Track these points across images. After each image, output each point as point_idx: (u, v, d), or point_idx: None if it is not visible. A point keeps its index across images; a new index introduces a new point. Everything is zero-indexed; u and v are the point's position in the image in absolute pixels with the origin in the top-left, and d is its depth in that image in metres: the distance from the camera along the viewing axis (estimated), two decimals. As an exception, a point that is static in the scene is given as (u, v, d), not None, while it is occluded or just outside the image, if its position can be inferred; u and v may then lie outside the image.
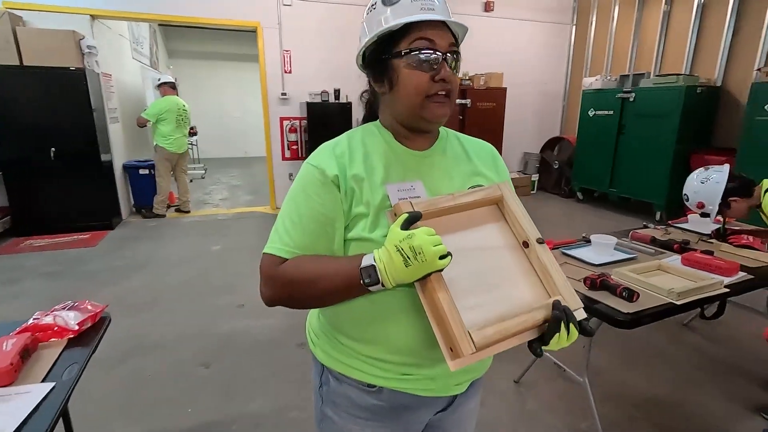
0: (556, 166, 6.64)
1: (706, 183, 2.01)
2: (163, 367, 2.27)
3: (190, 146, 6.27)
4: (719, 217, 2.34)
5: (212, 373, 2.24)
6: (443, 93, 0.75)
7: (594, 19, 6.44)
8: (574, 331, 0.68)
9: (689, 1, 5.14)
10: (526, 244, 0.79)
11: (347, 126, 5.24)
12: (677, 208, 4.95)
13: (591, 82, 5.79)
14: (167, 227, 4.92)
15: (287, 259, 0.74)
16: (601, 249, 1.89)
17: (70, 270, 3.58)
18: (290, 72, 5.42)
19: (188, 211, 5.54)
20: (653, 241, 2.07)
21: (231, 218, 5.34)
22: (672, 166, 4.82)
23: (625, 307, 1.41)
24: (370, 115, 0.92)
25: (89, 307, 1.30)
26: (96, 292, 3.14)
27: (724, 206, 1.99)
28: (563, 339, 0.67)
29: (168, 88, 5.23)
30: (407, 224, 0.66)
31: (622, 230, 2.34)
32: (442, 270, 0.65)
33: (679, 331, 2.60)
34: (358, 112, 5.49)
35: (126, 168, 5.29)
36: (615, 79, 5.59)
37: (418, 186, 0.79)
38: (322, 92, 5.18)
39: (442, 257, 0.63)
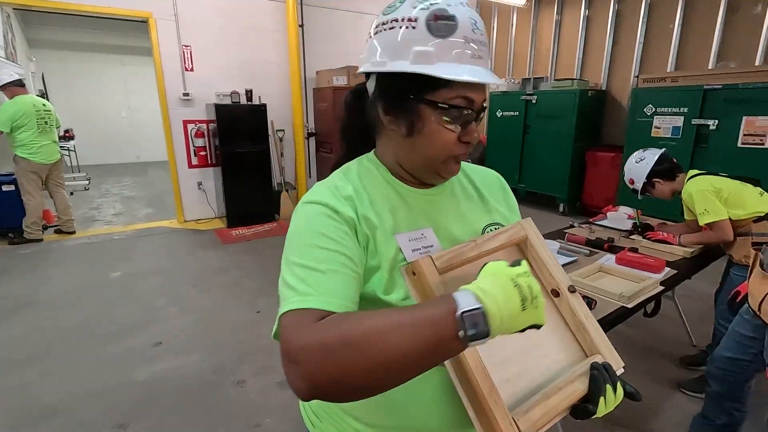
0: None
1: (640, 162, 2.20)
2: (64, 439, 1.84)
3: (65, 153, 5.30)
4: (632, 213, 2.59)
5: (133, 435, 1.87)
6: (463, 153, 0.67)
7: (495, 24, 6.86)
8: (620, 392, 0.61)
9: (576, 13, 5.71)
10: (556, 293, 0.71)
11: (263, 130, 4.89)
12: (576, 200, 5.51)
13: (497, 84, 6.16)
14: (47, 254, 4.11)
15: (324, 314, 0.52)
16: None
17: None
18: (192, 70, 4.87)
19: (73, 232, 4.69)
20: (587, 242, 2.20)
21: (130, 237, 4.65)
22: (571, 162, 5.32)
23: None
24: (353, 129, 0.77)
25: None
26: (-46, 350, 2.47)
27: (649, 186, 2.17)
28: (610, 402, 0.60)
29: (14, 87, 4.17)
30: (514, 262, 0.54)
31: (554, 231, 2.47)
32: (524, 330, 0.51)
33: (600, 318, 2.83)
34: (273, 115, 5.18)
35: (-18, 184, 4.29)
36: (518, 82, 6.01)
37: (429, 234, 0.68)
38: (232, 93, 4.74)
39: None
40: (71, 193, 6.29)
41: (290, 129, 5.51)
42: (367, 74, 0.70)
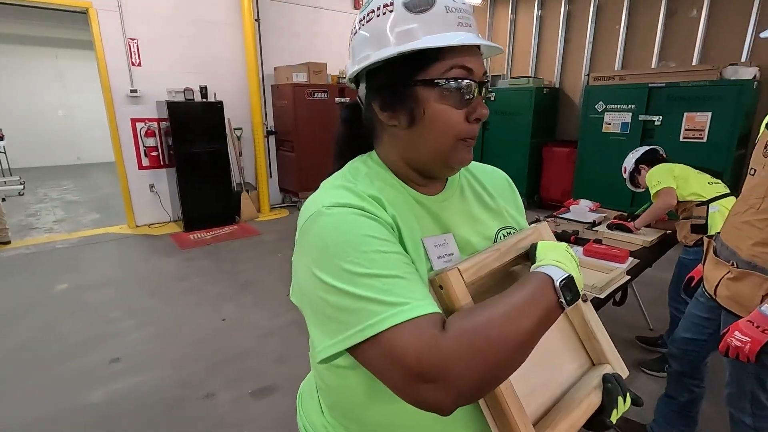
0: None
1: (634, 153, 2.49)
2: (11, 474, 1.66)
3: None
4: (592, 206, 2.71)
5: (92, 463, 1.72)
6: (473, 136, 0.62)
7: (452, 22, 6.96)
8: (629, 401, 0.64)
9: (530, 13, 5.90)
10: None
11: (219, 129, 4.68)
12: (535, 194, 5.71)
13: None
14: (-22, 267, 3.72)
15: (439, 319, 0.50)
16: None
17: None
18: (140, 65, 4.57)
19: (8, 242, 4.28)
20: (555, 236, 2.26)
21: (76, 245, 4.30)
22: (529, 157, 5.50)
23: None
24: (350, 142, 0.72)
25: None
26: None
27: (635, 172, 2.42)
28: (620, 412, 0.62)
29: None
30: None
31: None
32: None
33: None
34: (230, 112, 4.97)
35: None
36: (476, 80, 6.13)
37: (450, 240, 0.65)
38: (185, 90, 4.49)
39: None
40: (3, 199, 5.76)
41: (249, 127, 5.32)
42: (357, 82, 0.67)
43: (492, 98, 5.65)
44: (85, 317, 2.84)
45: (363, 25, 0.62)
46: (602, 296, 1.58)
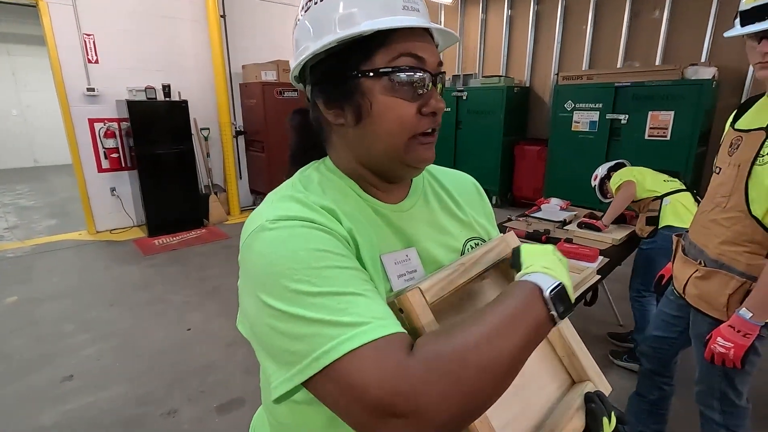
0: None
1: (605, 164, 2.62)
2: None
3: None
4: (563, 204, 2.73)
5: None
6: (431, 130, 0.56)
7: (424, 21, 6.94)
8: (614, 420, 0.59)
9: (500, 13, 5.94)
10: None
11: (185, 129, 4.50)
12: (508, 192, 5.77)
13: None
14: None
15: (406, 339, 0.44)
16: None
17: None
18: (97, 62, 4.33)
19: (-47, 252, 3.99)
20: (527, 235, 2.26)
21: (29, 254, 4.04)
22: (501, 156, 5.54)
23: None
24: (306, 150, 0.66)
25: None
26: None
27: (605, 178, 2.51)
28: (607, 431, 0.58)
29: None
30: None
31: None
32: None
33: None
34: (195, 112, 4.78)
35: None
36: (449, 79, 6.13)
37: (413, 255, 0.59)
38: (146, 88, 4.28)
39: None
40: (-51, 206, 5.39)
41: (216, 127, 5.14)
42: (302, 80, 0.61)
43: (464, 97, 5.67)
44: (35, 333, 2.65)
45: (303, 16, 0.56)
46: (573, 298, 1.56)
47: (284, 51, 5.48)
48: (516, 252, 0.57)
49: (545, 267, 0.51)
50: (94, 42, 4.29)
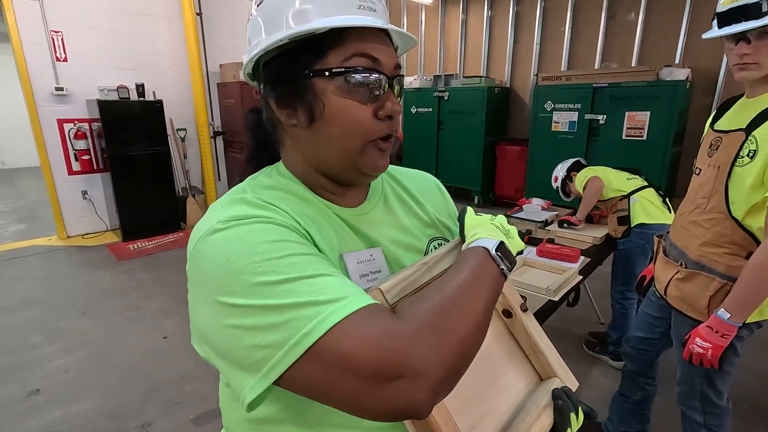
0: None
1: (562, 164, 2.63)
2: None
3: None
4: (544, 204, 2.75)
5: None
6: (387, 135, 0.54)
7: (405, 21, 6.92)
8: (581, 416, 0.61)
9: (480, 13, 5.97)
10: (508, 314, 0.66)
11: (160, 129, 4.36)
12: (490, 192, 5.80)
13: (410, 80, 6.21)
14: None
15: (383, 308, 0.44)
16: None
17: None
18: (65, 60, 4.16)
19: None
20: (510, 236, 2.25)
21: (-6, 261, 3.86)
22: (483, 156, 5.56)
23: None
24: (262, 156, 0.64)
25: None
26: None
27: (567, 180, 2.51)
28: (574, 428, 0.59)
29: None
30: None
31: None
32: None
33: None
34: (171, 112, 4.65)
35: None
36: (430, 79, 6.13)
37: (378, 255, 0.58)
38: (119, 87, 4.13)
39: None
40: None
41: (193, 128, 5.01)
42: (255, 78, 0.58)
43: (446, 98, 5.67)
44: (-1, 344, 2.52)
45: (255, 11, 0.54)
46: (556, 298, 1.56)
47: (263, 50, 5.37)
48: (461, 226, 0.61)
49: (487, 234, 0.56)
50: (62, 39, 4.12)
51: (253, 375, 0.41)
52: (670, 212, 2.17)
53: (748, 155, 1.11)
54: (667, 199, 2.22)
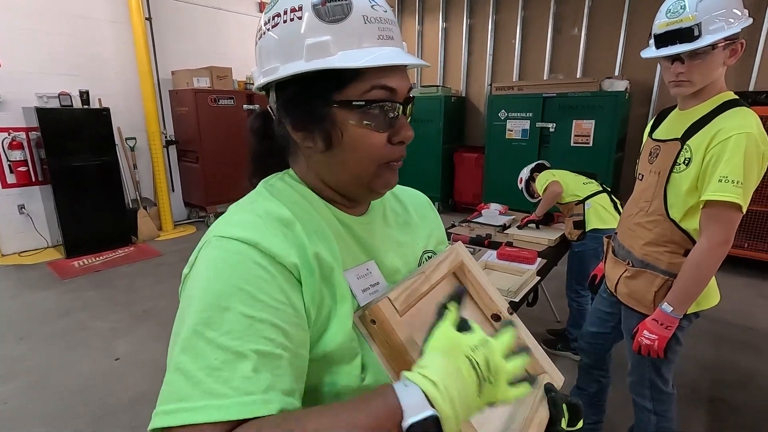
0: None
1: (526, 167, 2.73)
2: None
3: None
4: (502, 209, 2.86)
5: None
6: (398, 158, 0.57)
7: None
8: (574, 407, 0.64)
9: (436, 26, 6.14)
10: (497, 318, 0.69)
11: (106, 139, 4.14)
12: (449, 198, 5.93)
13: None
14: None
15: (240, 423, 0.40)
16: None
17: None
18: (-1, 65, 3.87)
19: None
20: (471, 240, 2.32)
21: None
22: (441, 163, 5.70)
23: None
24: (265, 157, 0.64)
25: None
26: None
27: (531, 180, 2.62)
28: (566, 420, 0.62)
29: None
30: (462, 322, 0.48)
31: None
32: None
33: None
34: (119, 120, 4.42)
35: None
36: (388, 88, 6.21)
37: (373, 268, 0.59)
38: (60, 94, 3.88)
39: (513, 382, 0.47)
40: None
41: (144, 137, 4.78)
42: (266, 89, 0.58)
43: (404, 106, 5.76)
44: (-77, 377, 2.27)
45: (269, 30, 0.53)
46: (517, 299, 1.62)
47: (216, 57, 5.24)
48: (430, 331, 0.47)
49: (432, 381, 0.41)
50: (-6, 42, 3.82)
51: (157, 403, 0.42)
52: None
53: (684, 162, 1.22)
54: (618, 204, 2.36)
